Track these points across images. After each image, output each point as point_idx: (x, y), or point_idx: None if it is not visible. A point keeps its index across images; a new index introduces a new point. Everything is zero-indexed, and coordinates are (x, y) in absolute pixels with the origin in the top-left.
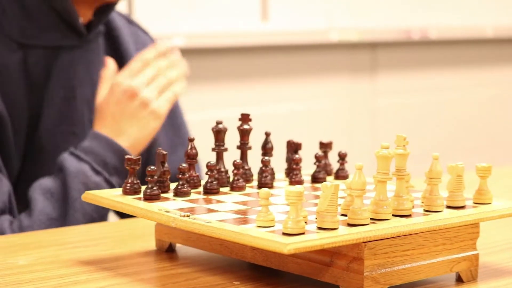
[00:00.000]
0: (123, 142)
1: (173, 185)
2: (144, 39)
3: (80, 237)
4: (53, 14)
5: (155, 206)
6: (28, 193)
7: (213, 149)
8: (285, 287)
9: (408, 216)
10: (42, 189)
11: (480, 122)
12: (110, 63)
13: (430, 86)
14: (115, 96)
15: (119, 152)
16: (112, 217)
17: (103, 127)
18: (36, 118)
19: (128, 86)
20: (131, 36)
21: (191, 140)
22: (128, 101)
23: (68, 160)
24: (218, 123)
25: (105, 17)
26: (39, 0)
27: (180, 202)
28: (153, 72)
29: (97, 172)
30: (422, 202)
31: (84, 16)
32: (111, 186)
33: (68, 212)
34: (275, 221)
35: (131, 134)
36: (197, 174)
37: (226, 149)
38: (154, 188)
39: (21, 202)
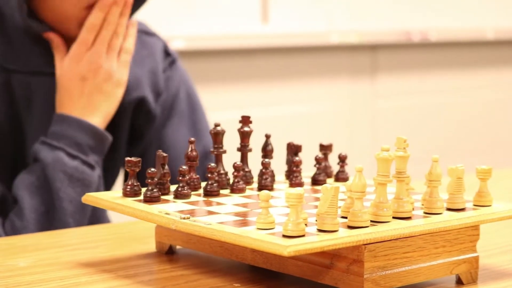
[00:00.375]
0: (97, 118)
1: (173, 187)
2: (152, 42)
3: (80, 239)
4: (33, 41)
5: (155, 208)
6: (12, 191)
7: (212, 152)
8: None
9: (408, 218)
10: (25, 185)
11: (481, 124)
12: (54, 38)
13: (430, 88)
14: (78, 71)
15: (90, 129)
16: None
17: (74, 106)
18: (21, 140)
19: (89, 60)
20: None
21: (192, 142)
22: (94, 75)
23: (41, 150)
24: (216, 125)
25: None
26: (19, 27)
27: (180, 204)
28: (108, 35)
29: (73, 157)
30: (422, 204)
31: (74, 30)
32: (90, 166)
33: (55, 203)
34: (275, 223)
35: (103, 109)
36: (197, 176)
37: (224, 151)
38: (154, 190)
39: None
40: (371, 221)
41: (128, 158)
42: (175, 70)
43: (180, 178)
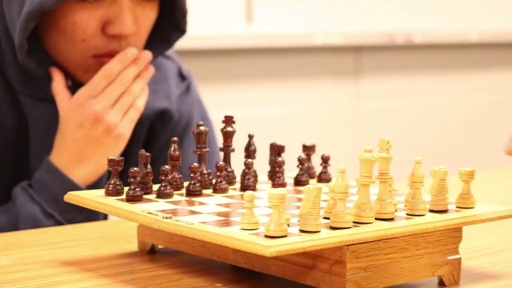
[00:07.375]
0: (85, 169)
1: (155, 187)
2: (167, 65)
3: (62, 238)
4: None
5: (137, 207)
6: None
7: (195, 151)
8: None
9: (391, 219)
10: None
11: (464, 126)
12: (56, 74)
13: (414, 90)
14: (77, 119)
15: (71, 187)
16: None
17: (63, 153)
18: (25, 152)
19: (91, 111)
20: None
21: (175, 142)
22: (92, 126)
23: (20, 197)
24: (199, 125)
25: None
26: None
27: (163, 204)
28: (118, 90)
29: (48, 216)
30: (405, 206)
31: (80, 76)
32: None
33: None
34: (259, 223)
35: (93, 161)
36: (180, 175)
37: (207, 151)
38: (137, 189)
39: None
40: (354, 222)
41: (110, 157)
42: (190, 94)
43: (163, 177)
